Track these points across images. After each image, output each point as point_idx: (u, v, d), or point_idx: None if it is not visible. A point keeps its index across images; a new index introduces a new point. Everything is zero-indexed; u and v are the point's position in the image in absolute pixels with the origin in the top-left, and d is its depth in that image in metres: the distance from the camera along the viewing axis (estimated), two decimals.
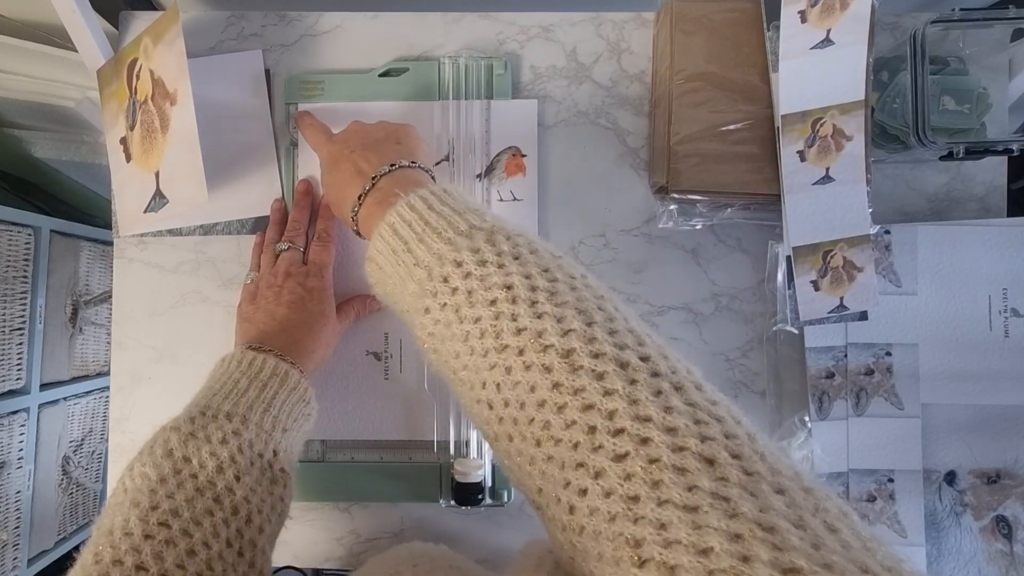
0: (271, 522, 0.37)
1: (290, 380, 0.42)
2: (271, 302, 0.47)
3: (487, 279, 0.30)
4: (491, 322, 0.29)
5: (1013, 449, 0.53)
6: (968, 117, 0.50)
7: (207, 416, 0.38)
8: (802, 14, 0.48)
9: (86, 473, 0.99)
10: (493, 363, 0.28)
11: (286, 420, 0.41)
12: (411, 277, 0.33)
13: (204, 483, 0.34)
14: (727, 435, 0.24)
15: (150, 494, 0.33)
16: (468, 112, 0.54)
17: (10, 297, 0.82)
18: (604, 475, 0.23)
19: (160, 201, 0.50)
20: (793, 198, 0.49)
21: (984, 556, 0.52)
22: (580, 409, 0.25)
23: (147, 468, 0.35)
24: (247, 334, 0.47)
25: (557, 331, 0.27)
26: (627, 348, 0.27)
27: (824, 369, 0.53)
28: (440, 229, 0.33)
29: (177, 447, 0.36)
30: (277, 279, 0.48)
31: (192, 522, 0.33)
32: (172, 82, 0.48)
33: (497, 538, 0.55)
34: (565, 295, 0.29)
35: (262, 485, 0.37)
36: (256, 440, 0.38)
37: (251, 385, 0.40)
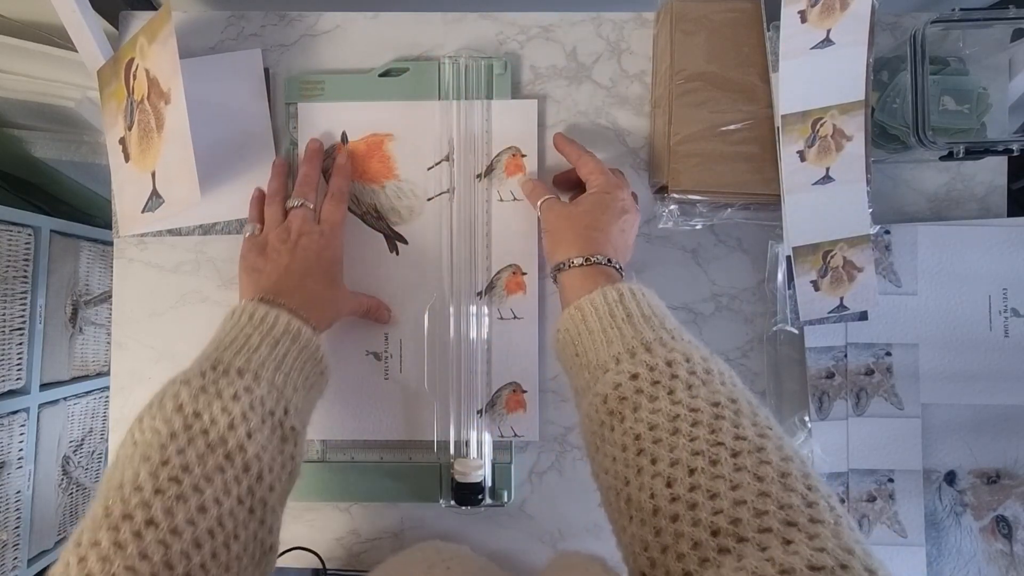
0: (282, 480, 0.37)
1: (302, 338, 0.41)
2: (284, 256, 0.46)
3: (710, 384, 0.33)
4: (710, 420, 0.31)
5: (1013, 449, 0.53)
6: (968, 117, 0.50)
7: (218, 371, 0.37)
8: (802, 14, 0.48)
9: (86, 473, 0.99)
10: (698, 450, 0.30)
11: (297, 378, 0.40)
12: (622, 342, 0.37)
13: (215, 439, 0.34)
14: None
15: (160, 449, 0.33)
16: (468, 112, 0.54)
17: (10, 297, 0.82)
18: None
19: (156, 201, 0.50)
20: (793, 198, 0.49)
21: (984, 556, 0.52)
22: (783, 523, 0.27)
23: (157, 422, 0.34)
24: (256, 284, 0.45)
25: (778, 455, 0.30)
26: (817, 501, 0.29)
27: (824, 369, 0.53)
28: (671, 326, 0.38)
29: (188, 402, 0.35)
30: (290, 234, 0.47)
31: (203, 478, 0.32)
32: (166, 81, 0.48)
33: (497, 538, 0.55)
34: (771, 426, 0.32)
35: (273, 443, 0.36)
36: (267, 397, 0.37)
37: (263, 341, 0.39)
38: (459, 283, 0.54)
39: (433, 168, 0.55)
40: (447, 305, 0.54)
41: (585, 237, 0.45)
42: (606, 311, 0.39)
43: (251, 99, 0.55)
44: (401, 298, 0.54)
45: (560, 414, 0.55)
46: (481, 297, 0.54)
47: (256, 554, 0.34)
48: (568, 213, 0.47)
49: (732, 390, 0.34)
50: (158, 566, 0.29)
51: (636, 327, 0.37)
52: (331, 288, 0.47)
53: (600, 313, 0.39)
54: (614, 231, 0.46)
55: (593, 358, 0.38)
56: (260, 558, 0.35)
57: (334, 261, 0.48)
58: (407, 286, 0.54)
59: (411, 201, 0.55)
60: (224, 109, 0.55)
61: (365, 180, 0.55)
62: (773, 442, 0.30)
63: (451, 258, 0.54)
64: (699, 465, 0.29)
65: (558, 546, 0.54)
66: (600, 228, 0.45)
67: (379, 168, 0.55)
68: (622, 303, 0.39)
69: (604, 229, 0.45)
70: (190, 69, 0.47)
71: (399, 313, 0.54)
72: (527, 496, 0.55)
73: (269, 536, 0.36)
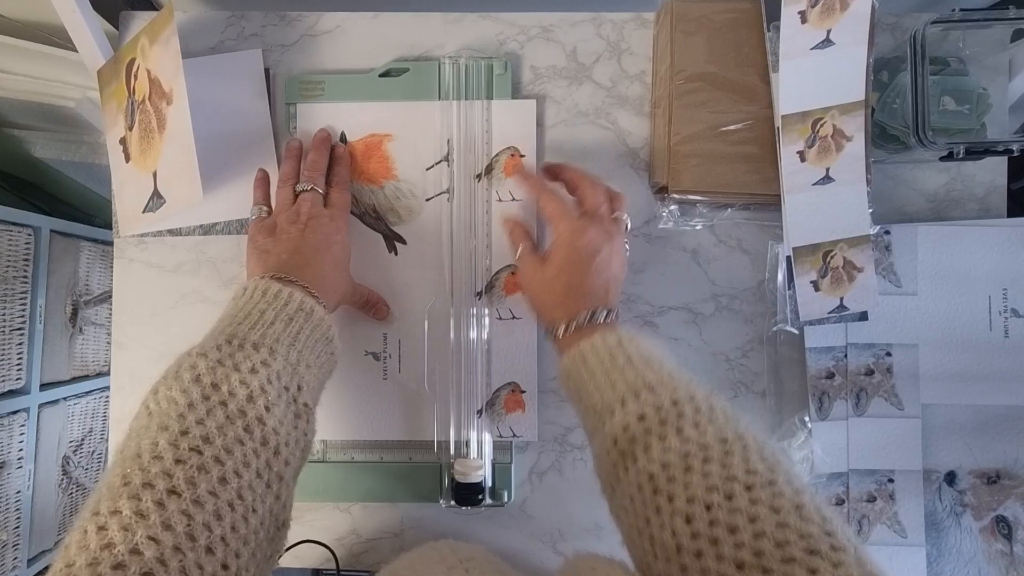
0: (296, 455, 0.37)
1: (315, 316, 0.42)
2: (294, 236, 0.46)
3: (715, 421, 0.34)
4: (721, 456, 0.32)
5: (1013, 449, 0.53)
6: (968, 117, 0.50)
7: (234, 344, 0.37)
8: (802, 14, 0.48)
9: (86, 473, 0.99)
10: (712, 486, 0.31)
11: (310, 356, 0.41)
12: (625, 384, 0.37)
13: (235, 411, 0.34)
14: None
15: (179, 419, 0.32)
16: (468, 112, 0.54)
17: (10, 297, 0.82)
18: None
19: (158, 201, 0.50)
20: (793, 198, 0.49)
21: (984, 556, 0.52)
22: (805, 552, 0.27)
23: (174, 392, 0.34)
24: (266, 264, 0.45)
25: (790, 487, 0.30)
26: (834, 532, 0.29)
27: (824, 369, 0.53)
28: (670, 366, 0.38)
29: (205, 373, 0.34)
30: (300, 217, 0.47)
31: (224, 450, 0.32)
32: (168, 82, 0.48)
33: (497, 538, 0.55)
34: (782, 463, 0.33)
35: (288, 418, 0.36)
36: (283, 372, 0.37)
37: (277, 317, 0.39)
38: (458, 283, 0.54)
39: (432, 168, 0.55)
40: (446, 305, 0.54)
41: (564, 302, 0.44)
42: (606, 354, 0.39)
43: (251, 99, 0.55)
44: (400, 298, 0.54)
45: (560, 414, 0.55)
46: (480, 297, 0.54)
47: (271, 529, 0.34)
48: (542, 277, 0.46)
49: (737, 425, 0.34)
50: (181, 537, 0.28)
51: (637, 369, 0.38)
52: (338, 270, 0.48)
53: (600, 357, 0.40)
54: (591, 280, 0.44)
55: (598, 401, 0.38)
56: (274, 533, 0.35)
57: (343, 245, 0.48)
58: (406, 286, 0.54)
59: (410, 201, 0.55)
60: (224, 109, 0.55)
61: (364, 180, 0.55)
62: (784, 475, 0.31)
63: (450, 258, 0.54)
64: (715, 500, 0.30)
65: (558, 546, 0.54)
66: (575, 286, 0.44)
67: (378, 168, 0.55)
68: (621, 346, 0.40)
69: (580, 285, 0.44)
70: (190, 69, 0.47)
71: (398, 313, 0.54)
72: (527, 496, 0.55)
73: (283, 511, 0.35)
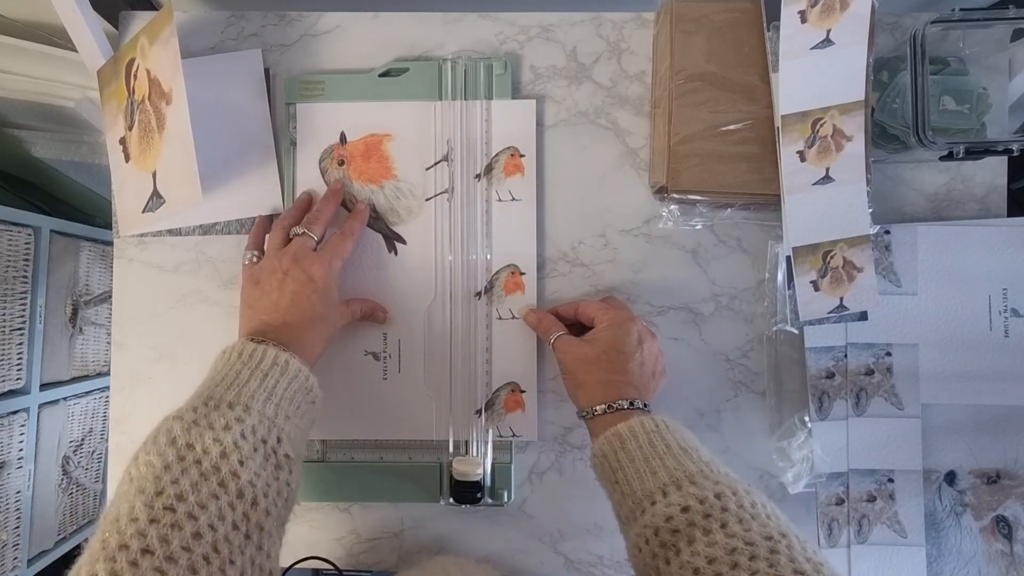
0: (277, 505, 0.37)
1: (290, 369, 0.42)
2: (274, 291, 0.46)
3: (758, 517, 0.35)
4: (767, 554, 0.32)
5: (1013, 449, 0.52)
6: (968, 117, 0.50)
7: (209, 405, 0.38)
8: (802, 14, 0.48)
9: (86, 473, 0.99)
10: (756, 570, 0.31)
11: (288, 407, 0.41)
12: (666, 473, 0.38)
13: (209, 468, 0.35)
14: None
15: (155, 480, 0.34)
16: (468, 112, 0.54)
17: (10, 297, 0.82)
18: None
19: (157, 201, 0.50)
20: (793, 198, 0.49)
21: (984, 556, 0.52)
22: None
23: (151, 456, 0.35)
24: (249, 323, 0.46)
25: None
26: None
27: (824, 369, 0.53)
28: (707, 458, 0.39)
29: (180, 435, 0.36)
30: (282, 263, 0.47)
31: (197, 505, 0.33)
32: (167, 81, 0.48)
33: (497, 538, 0.55)
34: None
35: (267, 470, 0.37)
36: (259, 426, 0.38)
37: (252, 375, 0.41)
38: (457, 283, 0.54)
39: (432, 168, 0.55)
40: (446, 305, 0.54)
41: (605, 383, 0.45)
42: (645, 440, 0.40)
43: (251, 99, 0.55)
44: (399, 298, 0.54)
45: (559, 414, 0.55)
46: (480, 297, 0.54)
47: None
48: (584, 355, 0.47)
49: (779, 523, 0.35)
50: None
51: (677, 458, 0.38)
52: (316, 318, 0.47)
53: (640, 442, 0.40)
54: (633, 368, 0.46)
55: (637, 487, 0.39)
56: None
57: (325, 290, 0.47)
58: (405, 286, 0.54)
59: (409, 201, 0.55)
60: (224, 109, 0.55)
61: (363, 180, 0.55)
62: (828, 573, 0.32)
63: (450, 258, 0.54)
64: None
65: (558, 546, 0.54)
66: (618, 370, 0.45)
67: (378, 168, 0.55)
68: (659, 433, 0.40)
69: (622, 370, 0.45)
70: (190, 69, 0.47)
71: (397, 313, 0.54)
72: (527, 496, 0.55)
73: (267, 561, 0.36)
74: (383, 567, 0.55)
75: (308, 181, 0.55)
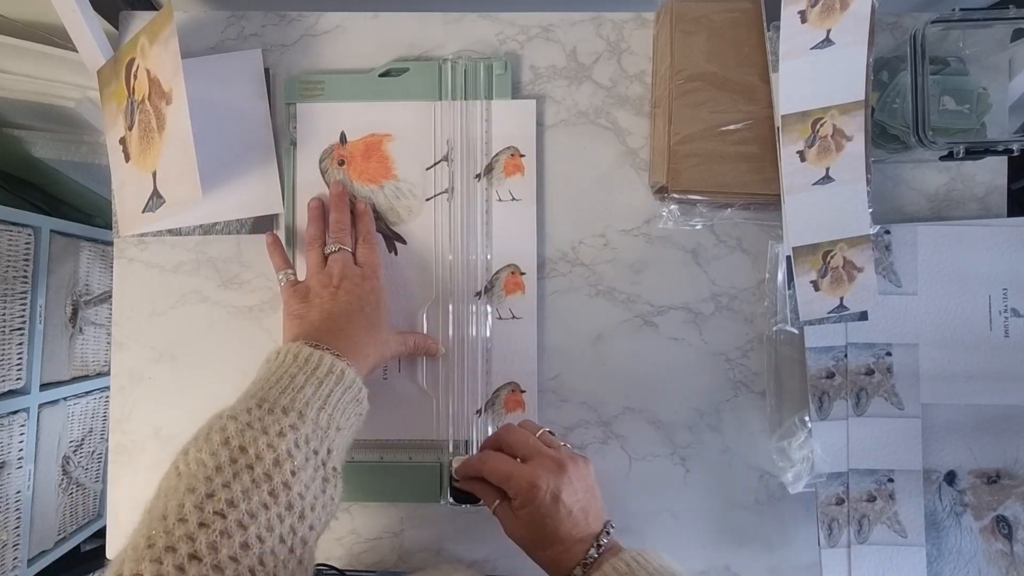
0: (322, 521, 0.37)
1: (346, 379, 0.41)
2: (327, 301, 0.46)
3: None
4: None
5: (1013, 449, 0.52)
6: (968, 117, 0.50)
7: (263, 408, 0.37)
8: (802, 14, 0.48)
9: (86, 473, 0.99)
10: None
11: (340, 419, 0.40)
12: None
13: (261, 475, 0.34)
14: None
15: (206, 481, 0.32)
16: (468, 112, 0.54)
17: (10, 297, 0.82)
18: None
19: (157, 201, 0.50)
20: (793, 198, 0.49)
21: (984, 556, 0.52)
22: None
23: (203, 454, 0.34)
24: (299, 329, 0.45)
25: None
26: None
27: (824, 369, 0.53)
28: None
29: (234, 435, 0.35)
30: (332, 280, 0.47)
31: (248, 514, 0.32)
32: (167, 81, 0.48)
33: (497, 538, 0.55)
34: None
35: (316, 483, 0.36)
36: (312, 436, 0.37)
37: (308, 381, 0.39)
38: (457, 283, 0.54)
39: (432, 168, 0.55)
40: (446, 305, 0.54)
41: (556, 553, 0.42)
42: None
43: (251, 99, 0.55)
44: (399, 298, 0.54)
45: (559, 414, 0.55)
46: (480, 297, 0.54)
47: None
48: (522, 532, 0.44)
49: None
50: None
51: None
52: (373, 332, 0.47)
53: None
54: (564, 525, 0.42)
55: None
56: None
57: (377, 304, 0.48)
58: (405, 286, 0.54)
59: (409, 201, 0.55)
60: (224, 109, 0.55)
61: (364, 180, 0.55)
62: None
63: (450, 258, 0.54)
64: None
65: None
66: (551, 542, 0.42)
67: (378, 168, 0.55)
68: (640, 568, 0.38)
69: (556, 532, 0.42)
70: (190, 69, 0.47)
71: (397, 313, 0.54)
72: None
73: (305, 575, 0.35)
74: (383, 567, 0.55)
75: (308, 181, 0.55)
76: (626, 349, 0.55)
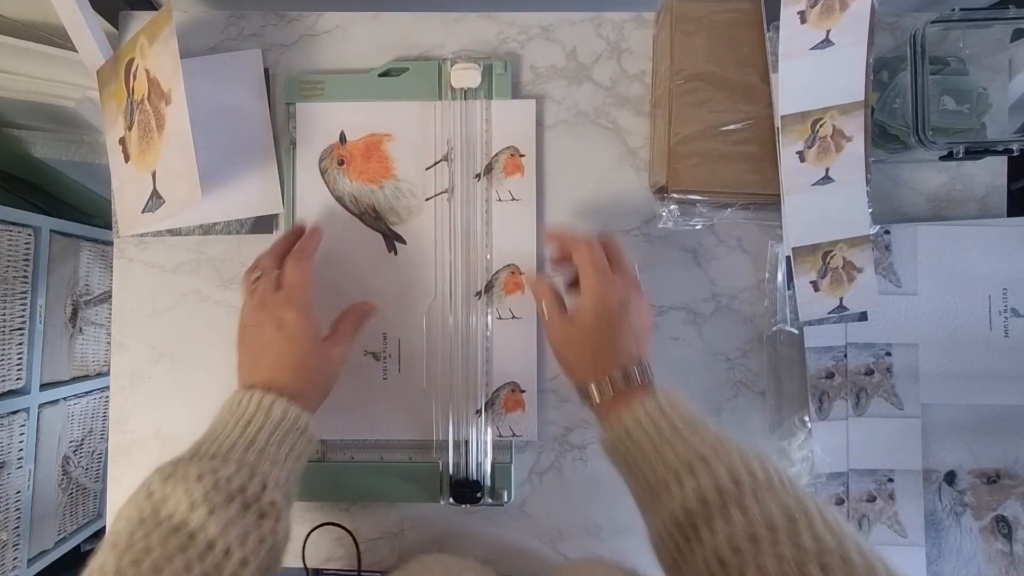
0: (258, 554, 0.37)
1: (274, 412, 0.42)
2: (254, 339, 0.46)
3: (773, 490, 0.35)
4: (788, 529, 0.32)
5: (1013, 449, 0.53)
6: (968, 117, 0.50)
7: (193, 458, 0.39)
8: (802, 14, 0.48)
9: (86, 473, 0.99)
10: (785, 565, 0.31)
11: (276, 452, 0.41)
12: (676, 457, 0.37)
13: (178, 521, 0.35)
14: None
15: (128, 535, 0.34)
16: (468, 112, 0.54)
17: (10, 297, 0.82)
18: None
19: (157, 201, 0.50)
20: (793, 198, 0.49)
21: (984, 556, 0.52)
22: None
23: (129, 509, 0.36)
24: (237, 372, 0.46)
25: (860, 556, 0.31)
26: None
27: (824, 369, 0.53)
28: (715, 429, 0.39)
29: (157, 488, 0.36)
30: (255, 313, 0.46)
31: (164, 558, 0.33)
32: (167, 81, 0.48)
33: (497, 538, 0.55)
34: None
35: (245, 519, 0.37)
36: (236, 475, 0.38)
37: (236, 424, 0.41)
38: (457, 283, 0.54)
39: (431, 168, 0.55)
40: (445, 305, 0.54)
41: (595, 361, 0.44)
42: (651, 426, 0.39)
43: (251, 99, 0.55)
44: (399, 298, 0.54)
45: (559, 414, 0.55)
46: (480, 297, 0.54)
47: None
48: (569, 337, 0.45)
49: (796, 492, 0.35)
50: None
51: (685, 438, 0.38)
52: (305, 355, 0.45)
53: (645, 429, 0.39)
54: (623, 336, 0.44)
55: (650, 475, 0.38)
56: None
57: (301, 328, 0.45)
58: (405, 286, 0.54)
59: (409, 201, 0.55)
60: (224, 109, 0.55)
61: (363, 180, 0.55)
62: (851, 541, 0.32)
63: (450, 258, 0.54)
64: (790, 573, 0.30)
65: (558, 546, 0.54)
66: (606, 343, 0.44)
67: (378, 168, 0.55)
68: (663, 414, 0.40)
69: (611, 342, 0.44)
70: (190, 69, 0.47)
71: (397, 313, 0.54)
72: (527, 496, 0.55)
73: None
74: (383, 567, 0.55)
75: (308, 181, 0.55)
76: None
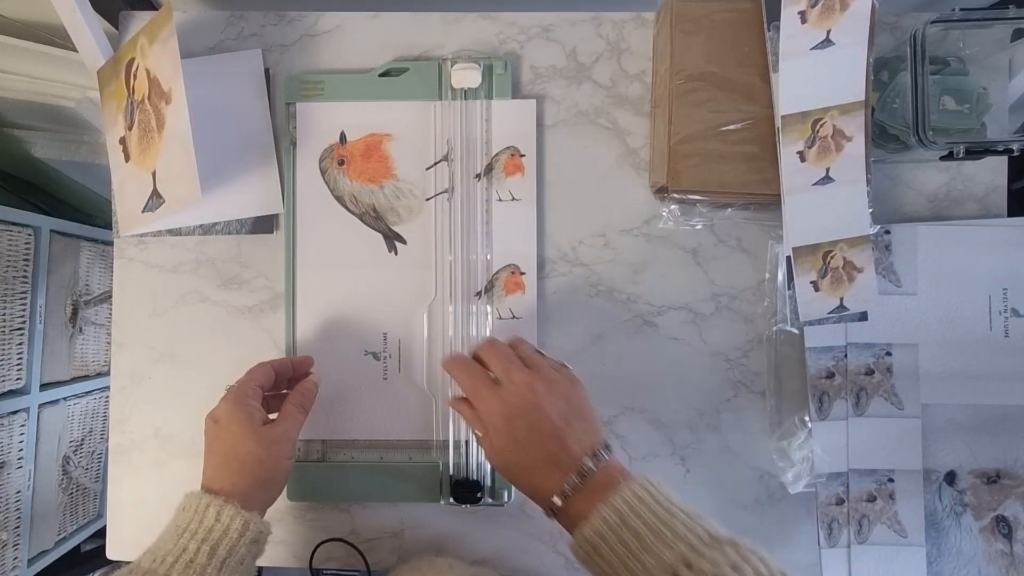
0: None
1: (206, 520, 0.41)
2: (206, 443, 0.46)
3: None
4: None
5: (1013, 449, 0.52)
6: (968, 117, 0.50)
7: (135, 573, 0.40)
8: (802, 14, 0.48)
9: (86, 473, 0.99)
10: None
11: (206, 563, 0.40)
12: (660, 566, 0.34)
13: None
14: None
15: None
16: (468, 112, 0.54)
17: (10, 297, 0.82)
18: None
19: (157, 201, 0.50)
20: (793, 198, 0.49)
21: (984, 556, 0.52)
22: None
23: None
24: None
25: None
26: None
27: (824, 369, 0.53)
28: (688, 520, 0.36)
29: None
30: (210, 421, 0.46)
31: None
32: (167, 81, 0.48)
33: (497, 538, 0.55)
34: None
35: None
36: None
37: (170, 535, 0.42)
38: (458, 283, 0.54)
39: (432, 168, 0.55)
40: (446, 305, 0.54)
41: (539, 474, 0.40)
42: (615, 541, 0.36)
43: (251, 99, 0.55)
44: (399, 298, 0.54)
45: None
46: (480, 297, 0.54)
47: None
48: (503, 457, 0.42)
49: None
50: None
51: (663, 539, 0.35)
52: (236, 441, 0.44)
53: (611, 544, 0.36)
54: (548, 442, 0.40)
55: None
56: None
57: (230, 415, 0.45)
58: (405, 286, 0.54)
59: (409, 201, 0.55)
60: (224, 109, 0.55)
61: (363, 180, 0.55)
62: None
63: (450, 258, 0.54)
64: None
65: (558, 546, 0.54)
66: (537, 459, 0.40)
67: (378, 168, 0.55)
68: (626, 525, 0.36)
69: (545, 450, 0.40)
70: (190, 69, 0.47)
71: (397, 313, 0.54)
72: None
73: None
74: (383, 567, 0.55)
75: (308, 181, 0.55)
76: (626, 349, 0.55)
